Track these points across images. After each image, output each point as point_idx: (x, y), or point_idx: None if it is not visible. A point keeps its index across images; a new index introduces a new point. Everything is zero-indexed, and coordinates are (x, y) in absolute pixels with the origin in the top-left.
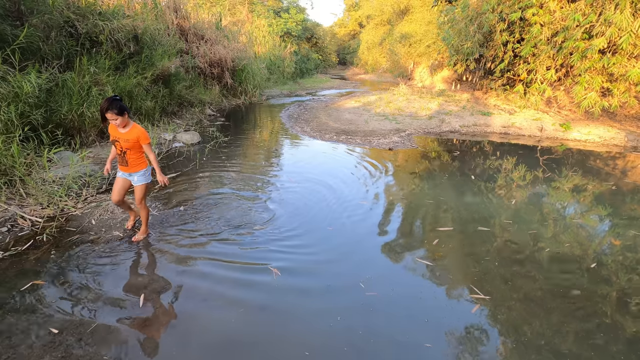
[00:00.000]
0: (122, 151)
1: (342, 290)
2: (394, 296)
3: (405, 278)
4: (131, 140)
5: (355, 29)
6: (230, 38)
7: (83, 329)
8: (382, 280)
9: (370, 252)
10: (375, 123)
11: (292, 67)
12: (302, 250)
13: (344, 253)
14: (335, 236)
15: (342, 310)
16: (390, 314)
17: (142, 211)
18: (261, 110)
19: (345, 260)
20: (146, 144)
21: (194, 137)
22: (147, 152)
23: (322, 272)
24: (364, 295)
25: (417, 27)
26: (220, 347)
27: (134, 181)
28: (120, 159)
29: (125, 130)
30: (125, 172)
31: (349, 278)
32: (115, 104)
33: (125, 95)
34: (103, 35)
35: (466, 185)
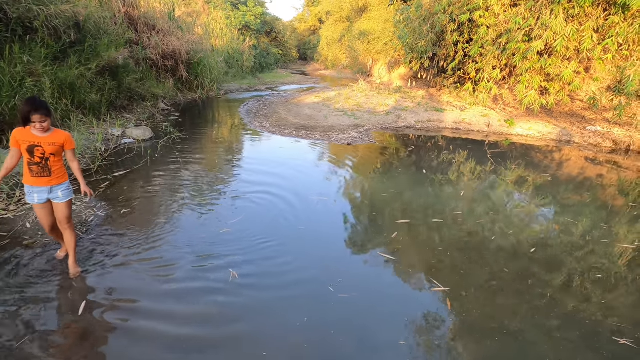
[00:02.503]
0: (44, 158)
1: (310, 290)
2: (361, 294)
3: (370, 275)
4: (57, 144)
5: (315, 24)
6: (184, 29)
7: (11, 343)
8: (347, 278)
9: (333, 248)
10: (335, 119)
11: (251, 62)
12: (263, 248)
13: (307, 252)
14: (298, 234)
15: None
16: (361, 312)
17: (70, 235)
18: (219, 105)
19: (309, 259)
20: (72, 148)
21: (145, 132)
22: (70, 159)
23: (283, 272)
24: (335, 297)
25: (375, 25)
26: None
27: (57, 198)
28: (37, 169)
29: (48, 134)
30: (44, 187)
31: (313, 274)
32: (44, 104)
33: (67, 87)
34: (38, 22)
35: (421, 178)
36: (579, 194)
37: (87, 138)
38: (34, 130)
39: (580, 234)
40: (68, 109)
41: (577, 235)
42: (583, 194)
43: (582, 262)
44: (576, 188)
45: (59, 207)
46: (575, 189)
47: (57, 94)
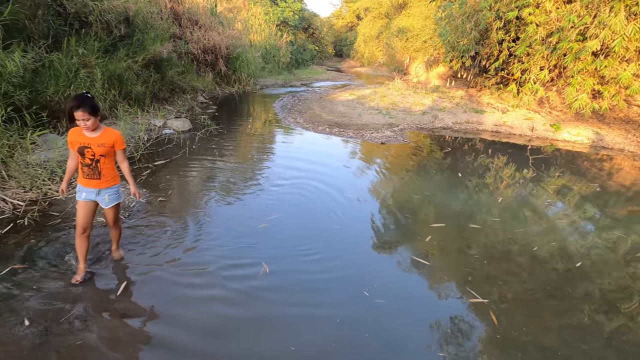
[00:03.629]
0: (94, 160)
1: (345, 296)
2: (395, 300)
3: (404, 280)
4: (107, 145)
5: (352, 21)
6: (225, 25)
7: (58, 316)
8: (381, 281)
9: (367, 249)
10: (369, 117)
11: (287, 57)
12: (298, 245)
13: (341, 252)
14: (333, 233)
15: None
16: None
17: (116, 231)
18: (254, 100)
19: (344, 259)
20: (122, 149)
21: (184, 124)
22: (120, 160)
23: (317, 271)
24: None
25: (414, 22)
26: (204, 338)
27: (103, 202)
28: (88, 171)
29: (97, 134)
30: (93, 189)
31: (347, 274)
32: (89, 102)
33: (115, 78)
34: (93, 16)
35: (456, 182)
36: (631, 207)
37: (132, 127)
38: (84, 130)
39: (631, 250)
40: (116, 100)
41: (628, 251)
42: (636, 206)
43: (633, 280)
44: (628, 200)
45: (105, 211)
46: (627, 201)
47: (107, 84)
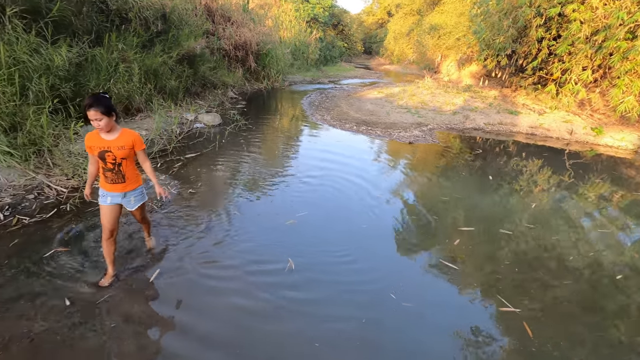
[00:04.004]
0: (116, 164)
1: (369, 292)
2: (422, 304)
3: (431, 283)
4: (127, 147)
5: (383, 17)
6: (256, 21)
7: (94, 298)
8: (408, 284)
9: (393, 250)
10: (397, 115)
11: (316, 54)
12: (324, 244)
13: (368, 252)
14: (360, 232)
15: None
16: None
17: (146, 224)
18: (282, 96)
19: (370, 259)
20: (142, 149)
21: (215, 118)
22: (142, 160)
23: (343, 272)
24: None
25: (447, 19)
26: (231, 331)
27: (129, 204)
28: (112, 176)
29: (115, 136)
30: (118, 193)
31: (374, 276)
32: (103, 101)
33: (151, 73)
34: (132, 13)
35: (486, 185)
36: None
37: (165, 121)
38: (100, 132)
39: None
40: (151, 93)
41: None
42: None
43: None
44: None
45: (133, 212)
46: None
47: (143, 79)
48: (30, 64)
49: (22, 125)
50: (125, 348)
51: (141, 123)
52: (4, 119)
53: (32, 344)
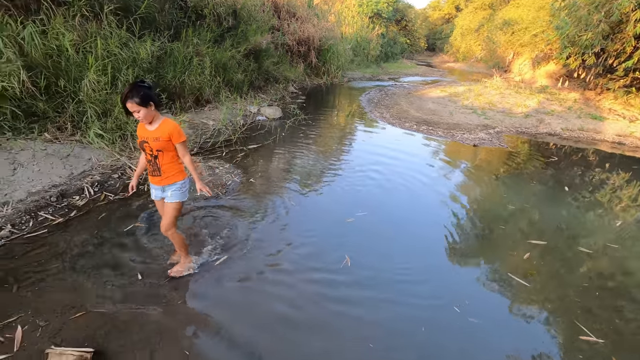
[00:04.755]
0: (153, 155)
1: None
2: (490, 321)
3: (500, 299)
4: (162, 139)
5: (450, 12)
6: (320, 17)
7: (165, 274)
8: (474, 298)
9: (456, 259)
10: (461, 116)
11: (377, 50)
12: (383, 246)
13: (427, 259)
14: (416, 238)
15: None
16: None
17: (174, 240)
18: (341, 92)
19: (430, 268)
20: (180, 142)
21: (276, 112)
22: (181, 154)
23: (402, 277)
24: (462, 320)
25: (524, 13)
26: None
27: (167, 197)
28: (150, 167)
29: (154, 127)
30: (158, 187)
31: (435, 285)
32: (138, 91)
33: (221, 67)
34: (207, 9)
35: (561, 196)
36: None
37: (231, 112)
38: (144, 123)
39: None
40: (219, 86)
41: None
42: None
43: None
44: None
45: (166, 207)
46: None
47: (214, 72)
48: (120, 56)
49: (111, 112)
50: (173, 329)
51: (209, 113)
52: (97, 105)
53: (106, 309)
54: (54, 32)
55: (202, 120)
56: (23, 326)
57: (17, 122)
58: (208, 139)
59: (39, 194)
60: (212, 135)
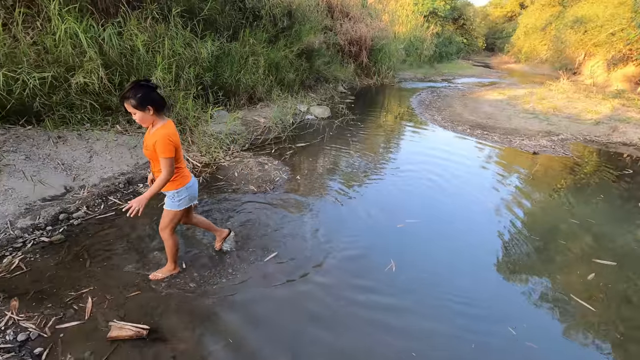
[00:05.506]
0: (149, 160)
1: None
2: (551, 348)
3: (562, 324)
4: (149, 147)
5: (514, 10)
6: (373, 16)
7: (212, 264)
8: (531, 319)
9: (509, 275)
10: (521, 121)
11: (431, 50)
12: (432, 256)
13: (480, 272)
14: (468, 250)
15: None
16: None
17: (165, 242)
18: (391, 93)
19: (484, 282)
20: (163, 157)
21: (325, 111)
22: (161, 167)
23: (446, 286)
24: (519, 343)
25: (600, 10)
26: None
27: (165, 200)
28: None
29: (153, 131)
30: None
31: (490, 304)
32: (136, 92)
33: (274, 66)
34: (264, 10)
35: (635, 213)
36: None
37: (281, 111)
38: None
39: None
40: (272, 85)
41: None
42: None
43: None
44: None
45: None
46: None
47: (267, 71)
48: (184, 55)
49: (174, 107)
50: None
51: (261, 111)
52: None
53: (160, 292)
54: (129, 33)
55: (254, 118)
56: (92, 298)
57: (94, 114)
58: (259, 135)
59: (109, 180)
60: (263, 133)
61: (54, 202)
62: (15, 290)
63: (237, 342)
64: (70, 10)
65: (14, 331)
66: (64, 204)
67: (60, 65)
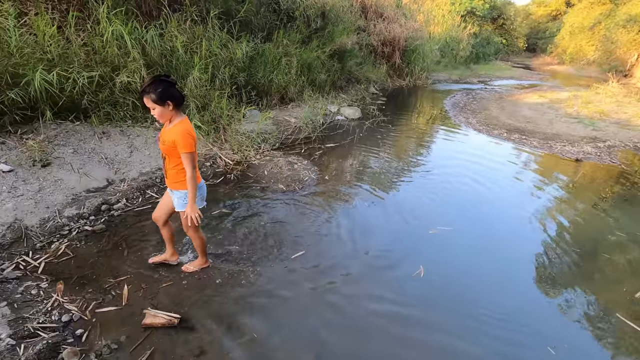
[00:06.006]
0: (163, 157)
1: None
2: None
3: (605, 344)
4: (168, 143)
5: (559, 8)
6: (408, 16)
7: (240, 256)
8: (572, 341)
9: (546, 290)
10: (563, 125)
11: (467, 51)
12: (464, 265)
13: (514, 285)
14: (505, 262)
15: None
16: None
17: (193, 240)
18: (424, 94)
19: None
20: (184, 152)
21: (355, 112)
22: (184, 164)
23: (480, 300)
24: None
25: None
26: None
27: (174, 202)
28: (163, 166)
29: (170, 127)
30: (168, 186)
31: (521, 320)
32: (157, 86)
33: (306, 67)
34: (298, 11)
35: None
36: None
37: (312, 111)
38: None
39: None
40: (303, 85)
41: None
42: None
43: None
44: None
45: (180, 213)
46: None
47: (299, 71)
48: (220, 56)
49: (208, 106)
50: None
51: (292, 111)
52: (198, 100)
53: (191, 283)
54: (169, 34)
55: (285, 118)
56: (129, 285)
57: (135, 112)
58: (289, 135)
59: (147, 174)
60: (293, 132)
61: (97, 193)
62: (61, 274)
63: (262, 338)
64: (117, 13)
65: (59, 312)
66: (105, 195)
67: (107, 65)
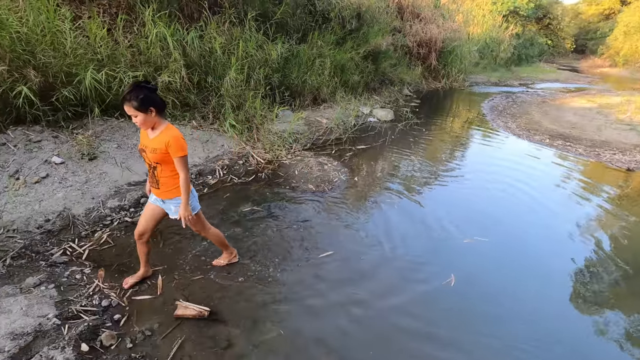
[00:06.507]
0: (151, 166)
1: None
2: None
3: None
4: (160, 151)
5: (612, 7)
6: (446, 17)
7: (268, 255)
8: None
9: (588, 310)
10: (613, 132)
11: (508, 52)
12: (498, 275)
13: (551, 303)
14: (543, 277)
15: None
16: None
17: (210, 238)
18: (460, 97)
19: (553, 317)
20: (178, 156)
21: (388, 114)
22: (178, 169)
23: (512, 317)
24: None
25: None
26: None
27: (170, 212)
28: (149, 177)
29: (154, 135)
30: (158, 197)
31: (558, 343)
32: (137, 93)
33: (339, 68)
34: (333, 13)
35: None
36: None
37: (344, 112)
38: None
39: None
40: (336, 86)
41: None
42: None
43: None
44: None
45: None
46: None
47: (332, 72)
48: (255, 57)
49: (243, 106)
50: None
51: (324, 112)
52: (233, 100)
53: (221, 278)
54: (208, 36)
55: (317, 118)
56: (163, 276)
57: (175, 110)
58: (320, 136)
59: None
60: (324, 133)
61: (137, 186)
62: (103, 261)
63: (289, 335)
64: (162, 16)
65: (99, 297)
66: (144, 189)
67: (150, 65)
